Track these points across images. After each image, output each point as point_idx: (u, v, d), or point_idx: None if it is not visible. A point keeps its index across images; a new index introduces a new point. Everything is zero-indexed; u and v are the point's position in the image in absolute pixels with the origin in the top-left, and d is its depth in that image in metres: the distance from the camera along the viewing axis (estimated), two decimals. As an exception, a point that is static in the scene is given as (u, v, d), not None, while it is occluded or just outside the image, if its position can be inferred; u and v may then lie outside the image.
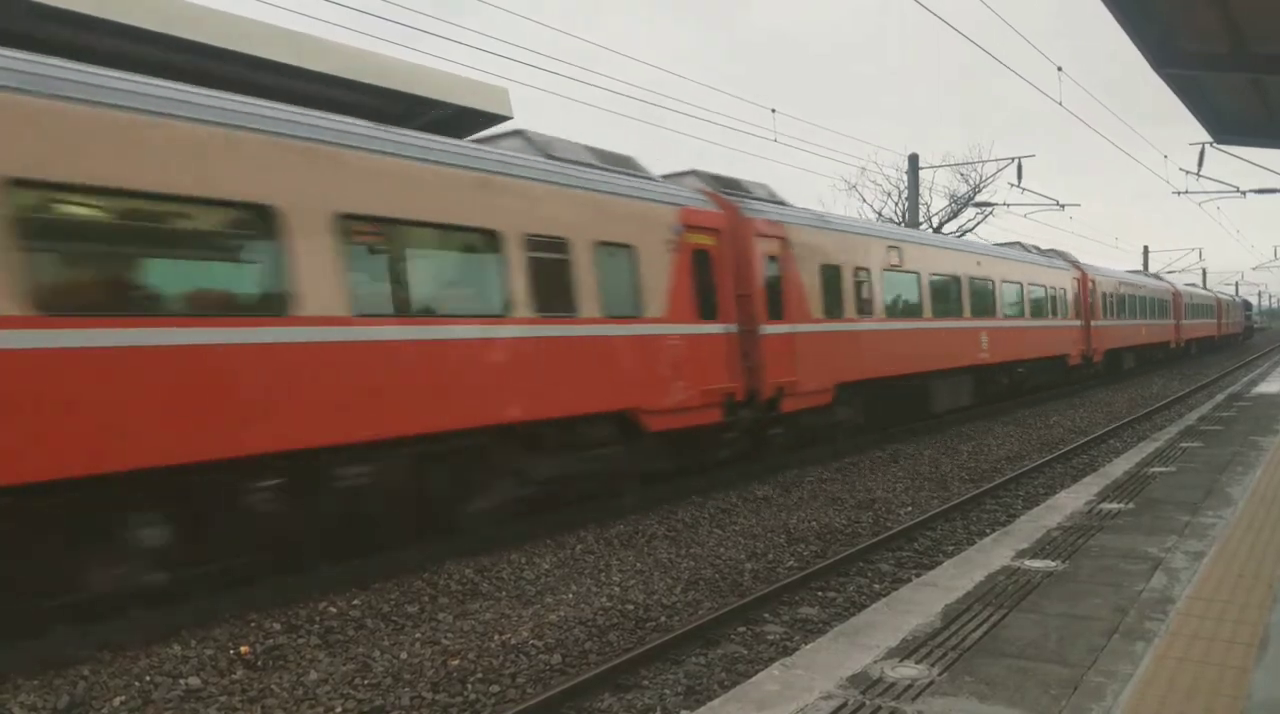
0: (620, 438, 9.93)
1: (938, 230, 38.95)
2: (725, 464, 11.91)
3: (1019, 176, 27.35)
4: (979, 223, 40.33)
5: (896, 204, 38.49)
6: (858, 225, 15.68)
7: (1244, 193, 26.97)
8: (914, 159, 27.60)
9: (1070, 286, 24.89)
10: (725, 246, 11.61)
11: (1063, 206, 32.33)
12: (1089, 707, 3.63)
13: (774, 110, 21.21)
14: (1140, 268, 50.72)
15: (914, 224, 28.63)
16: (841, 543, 8.95)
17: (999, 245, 24.30)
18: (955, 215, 40.25)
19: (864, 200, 46.13)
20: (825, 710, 3.73)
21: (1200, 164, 20.62)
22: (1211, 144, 17.92)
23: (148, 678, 5.59)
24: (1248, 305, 76.09)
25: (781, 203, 13.81)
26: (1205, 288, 54.20)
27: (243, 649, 6.04)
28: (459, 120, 11.47)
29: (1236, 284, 78.83)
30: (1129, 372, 31.88)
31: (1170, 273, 52.39)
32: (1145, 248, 57.02)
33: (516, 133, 10.32)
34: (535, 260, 8.87)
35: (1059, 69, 18.82)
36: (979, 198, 38.16)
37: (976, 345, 18.52)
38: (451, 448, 7.99)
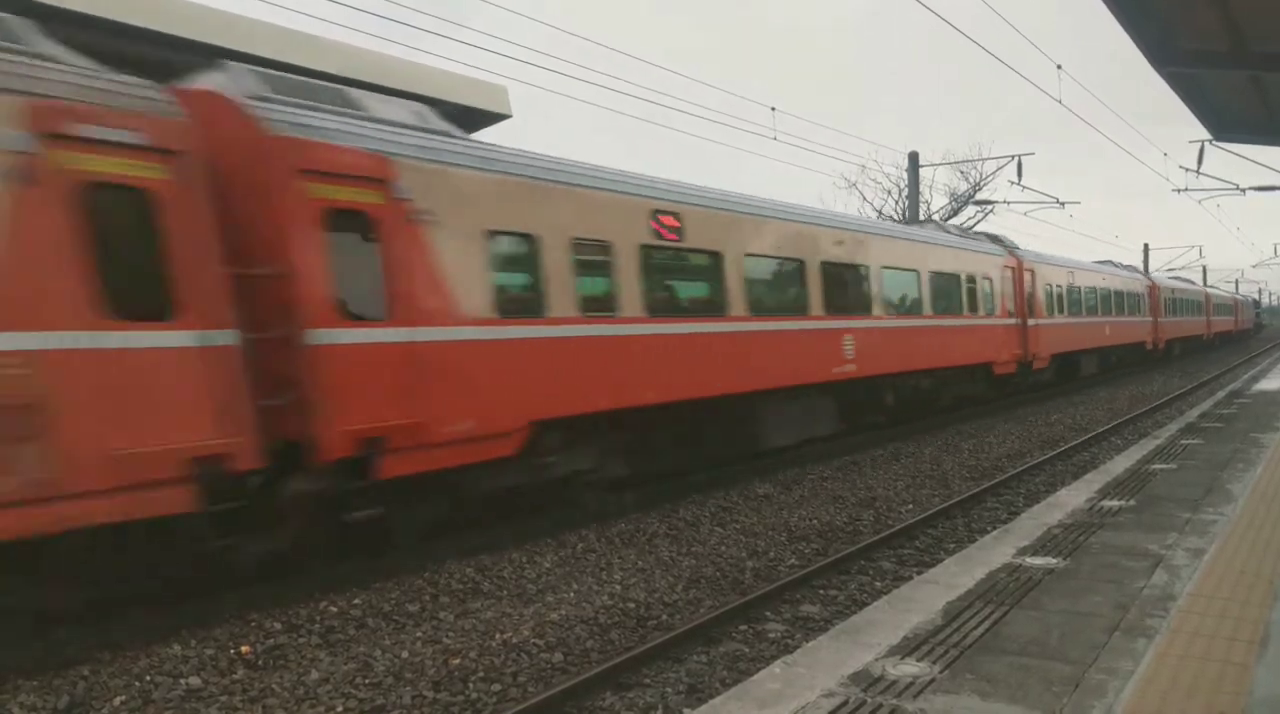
0: None
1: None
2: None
3: (1019, 174, 27.33)
4: (979, 220, 40.33)
5: (897, 202, 38.51)
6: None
7: (1244, 190, 26.98)
8: (914, 157, 27.59)
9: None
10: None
11: (1063, 204, 32.30)
12: (1090, 704, 3.62)
13: (774, 108, 21.18)
14: (1140, 265, 50.55)
15: (914, 222, 28.58)
16: (843, 541, 8.95)
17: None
18: (956, 213, 40.26)
19: (864, 198, 46.12)
20: (826, 708, 3.73)
21: (1200, 162, 20.63)
22: (1211, 142, 17.92)
23: (148, 678, 5.60)
24: (1257, 303, 78.64)
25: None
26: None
27: (243, 649, 6.04)
28: (459, 118, 11.48)
29: (1237, 282, 78.88)
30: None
31: (1170, 270, 52.23)
32: (1145, 245, 57.00)
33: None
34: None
35: (1058, 67, 18.83)
36: (979, 196, 38.15)
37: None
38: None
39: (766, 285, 12.57)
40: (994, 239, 21.73)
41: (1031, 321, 21.31)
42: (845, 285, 14.05)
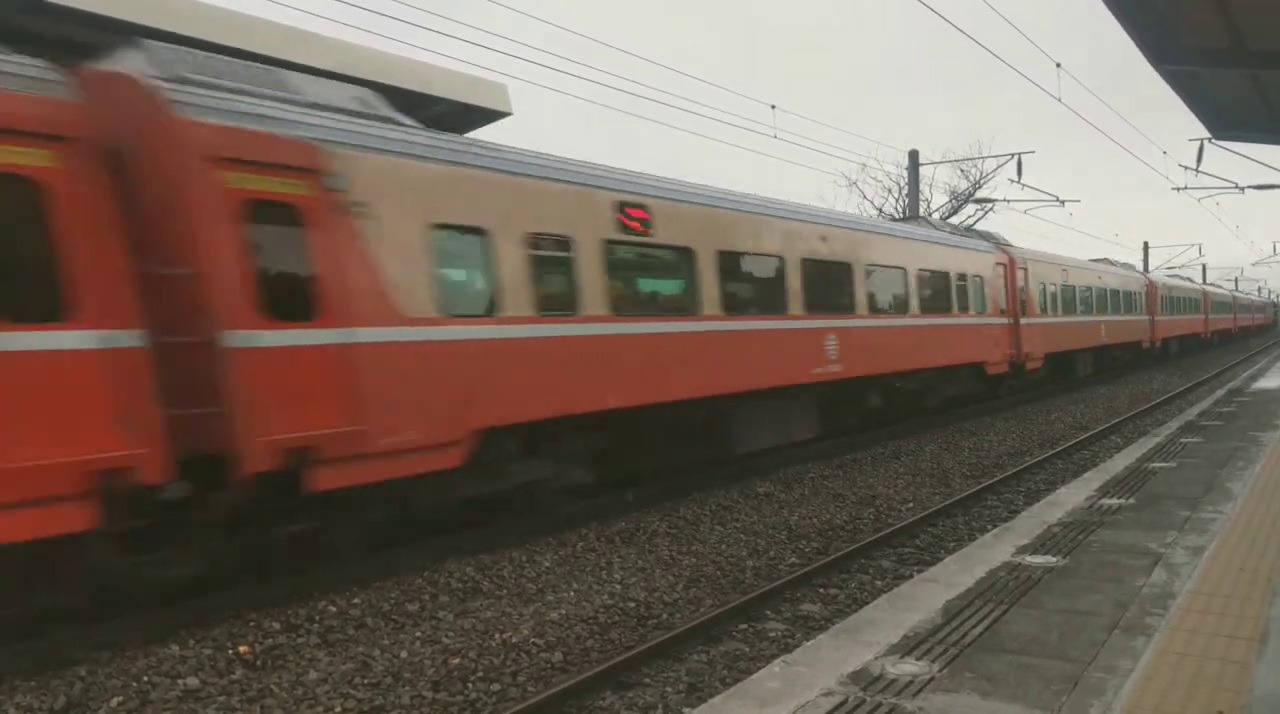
0: None
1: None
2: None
3: (1019, 173, 27.32)
4: (979, 219, 40.33)
5: (898, 200, 38.53)
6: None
7: (1243, 188, 26.97)
8: (914, 155, 27.59)
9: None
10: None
11: (1063, 203, 32.28)
12: (1090, 702, 3.62)
13: (774, 106, 21.16)
14: (1139, 263, 50.52)
15: (910, 219, 28.57)
16: (843, 540, 8.94)
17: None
18: (956, 211, 40.28)
19: (865, 197, 46.11)
20: (826, 707, 3.72)
21: (1199, 160, 20.62)
22: (1210, 140, 17.91)
23: (145, 678, 5.58)
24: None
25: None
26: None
27: (242, 649, 6.03)
28: (458, 116, 11.47)
29: (1236, 279, 78.91)
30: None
31: (1170, 268, 52.20)
32: (1145, 243, 57.03)
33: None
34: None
35: (1058, 65, 18.79)
36: (979, 194, 38.15)
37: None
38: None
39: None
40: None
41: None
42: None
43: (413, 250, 7.57)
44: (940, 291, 17.05)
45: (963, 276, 17.97)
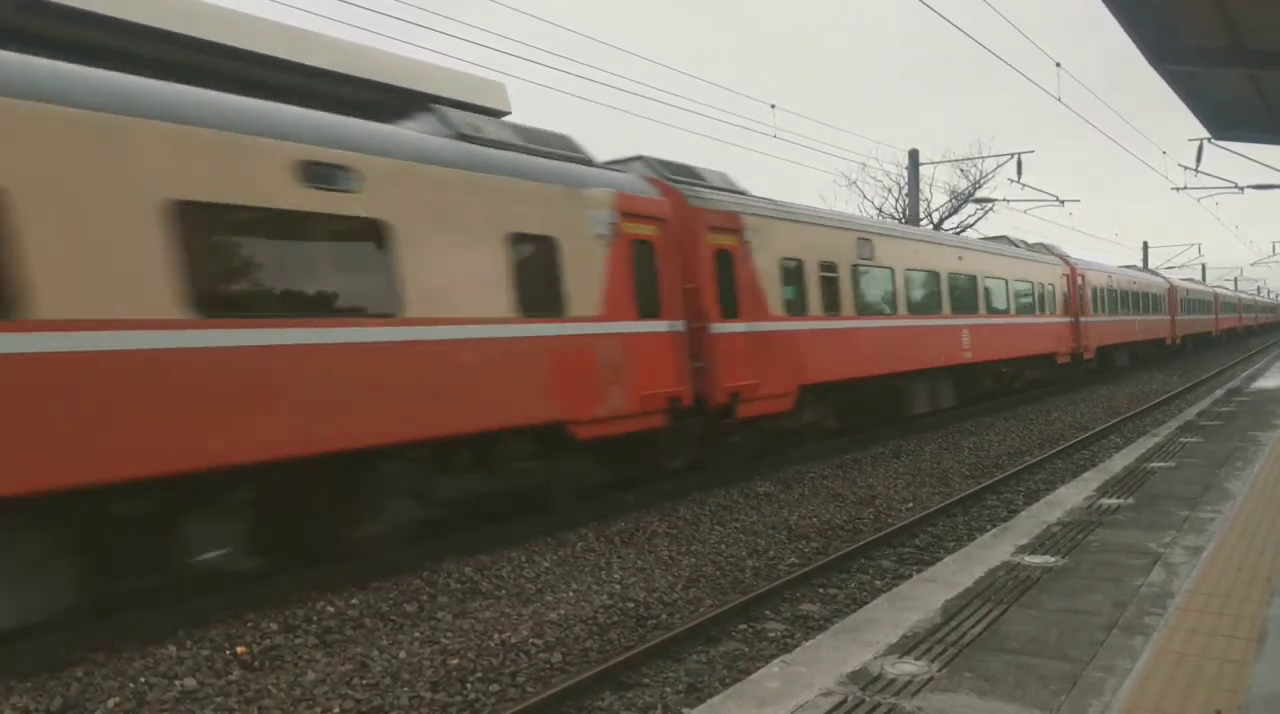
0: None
1: (938, 226, 38.92)
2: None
3: (1019, 172, 27.37)
4: (979, 218, 40.31)
5: (897, 200, 38.50)
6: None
7: (1242, 188, 26.98)
8: (914, 154, 27.61)
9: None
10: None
11: (1062, 202, 32.32)
12: (1088, 702, 3.61)
13: (774, 106, 21.17)
14: (1140, 263, 50.60)
15: (914, 220, 28.60)
16: (843, 539, 8.93)
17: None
18: (955, 211, 40.24)
19: (864, 196, 46.10)
20: (825, 707, 3.71)
21: (1199, 160, 20.62)
22: (1210, 140, 17.92)
23: (142, 679, 5.57)
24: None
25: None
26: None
27: (239, 649, 6.02)
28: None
29: (1235, 279, 78.95)
30: (1123, 369, 31.16)
31: (1169, 268, 52.30)
32: (1145, 243, 57.05)
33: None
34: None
35: (1058, 65, 18.81)
36: (979, 194, 38.17)
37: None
38: None
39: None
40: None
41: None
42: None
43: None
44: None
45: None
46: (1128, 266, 37.66)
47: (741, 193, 12.96)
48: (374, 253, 7.45)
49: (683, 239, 10.87)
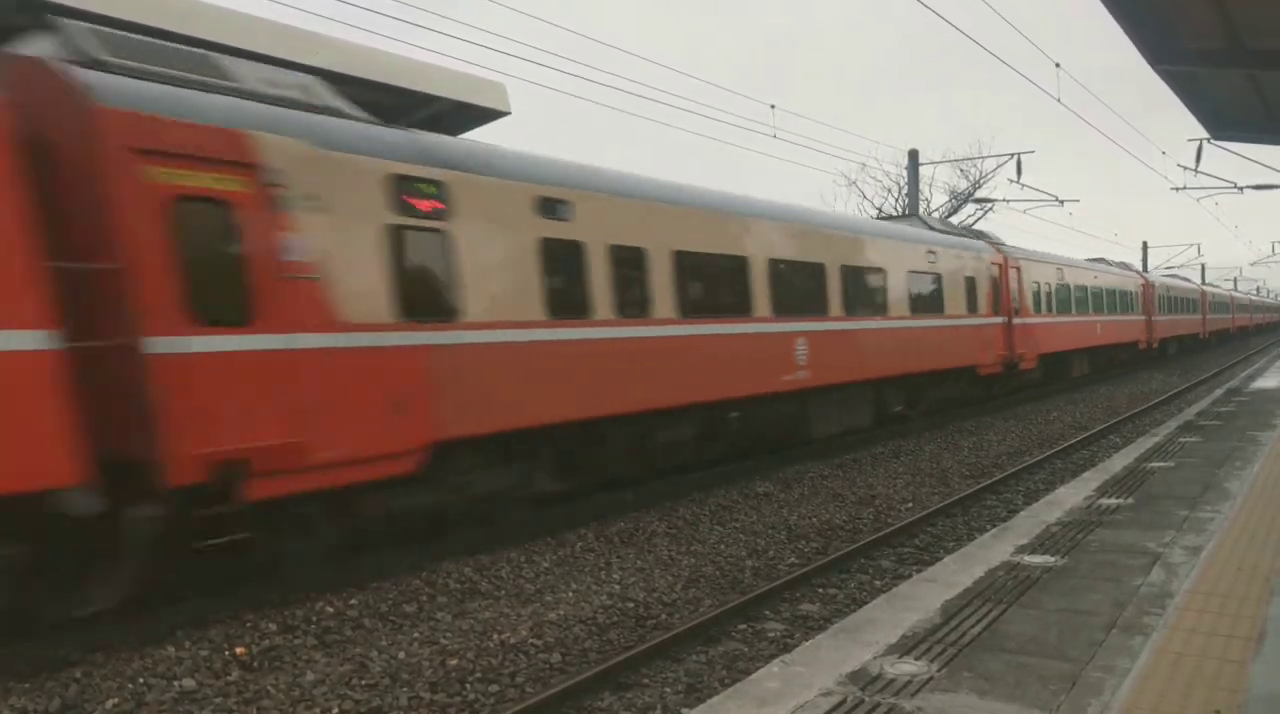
0: None
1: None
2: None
3: (1018, 172, 27.33)
4: (978, 218, 40.33)
5: (897, 200, 38.55)
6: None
7: (1241, 188, 26.98)
8: (914, 154, 27.60)
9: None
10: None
11: (1062, 202, 32.27)
12: (1087, 702, 3.61)
13: (773, 106, 21.14)
14: (1139, 263, 50.49)
15: (900, 217, 28.55)
16: (842, 539, 8.93)
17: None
18: (955, 211, 40.27)
19: (864, 196, 46.11)
20: (824, 707, 3.71)
21: (1198, 160, 20.60)
22: (1209, 140, 17.91)
23: (141, 680, 5.57)
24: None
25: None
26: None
27: (238, 650, 6.01)
28: (455, 116, 11.43)
29: (1235, 279, 79.01)
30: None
31: (1169, 268, 52.20)
32: (1145, 243, 57.06)
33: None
34: None
35: (1057, 65, 18.80)
36: (979, 193, 38.17)
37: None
38: None
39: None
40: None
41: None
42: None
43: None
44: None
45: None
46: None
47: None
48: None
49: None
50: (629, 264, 10.00)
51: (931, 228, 18.84)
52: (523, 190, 8.83)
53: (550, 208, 9.10)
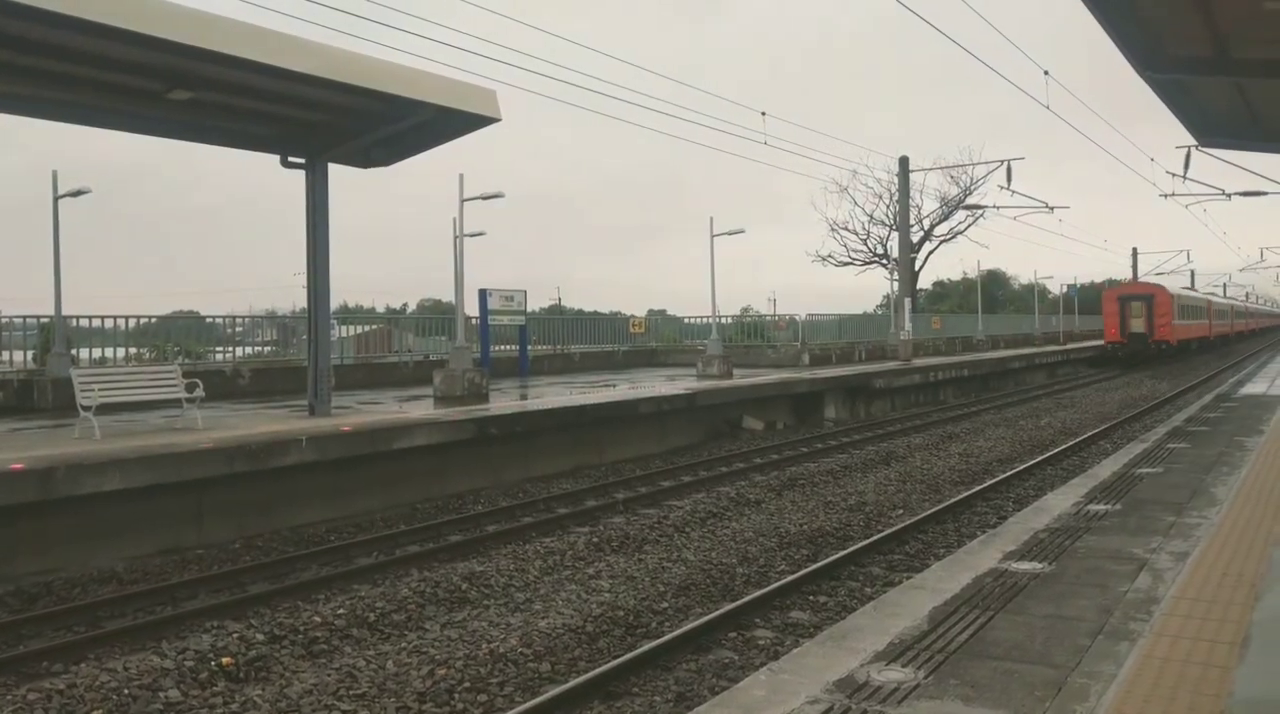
0: None
1: (929, 233, 39.05)
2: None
3: (1008, 179, 27.57)
4: (970, 225, 40.46)
5: (888, 206, 38.64)
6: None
7: (1229, 195, 27.15)
8: (904, 161, 27.76)
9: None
10: None
11: (1051, 209, 32.52)
12: (1072, 708, 3.61)
13: (764, 113, 21.24)
14: (1130, 270, 51.10)
15: (905, 226, 28.71)
16: (833, 546, 8.94)
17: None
18: (946, 217, 40.36)
19: (855, 203, 46.25)
20: (810, 715, 3.70)
21: (1186, 167, 20.74)
22: (1197, 147, 18.04)
23: (126, 690, 5.52)
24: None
25: None
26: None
27: (225, 660, 5.97)
28: (445, 122, 11.43)
29: (1224, 285, 79.49)
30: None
31: (1159, 274, 52.71)
32: (1134, 250, 57.44)
33: None
34: None
35: (1046, 73, 18.94)
36: (969, 200, 38.31)
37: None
38: None
39: None
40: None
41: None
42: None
43: None
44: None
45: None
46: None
47: None
48: None
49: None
50: None
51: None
52: None
53: None
